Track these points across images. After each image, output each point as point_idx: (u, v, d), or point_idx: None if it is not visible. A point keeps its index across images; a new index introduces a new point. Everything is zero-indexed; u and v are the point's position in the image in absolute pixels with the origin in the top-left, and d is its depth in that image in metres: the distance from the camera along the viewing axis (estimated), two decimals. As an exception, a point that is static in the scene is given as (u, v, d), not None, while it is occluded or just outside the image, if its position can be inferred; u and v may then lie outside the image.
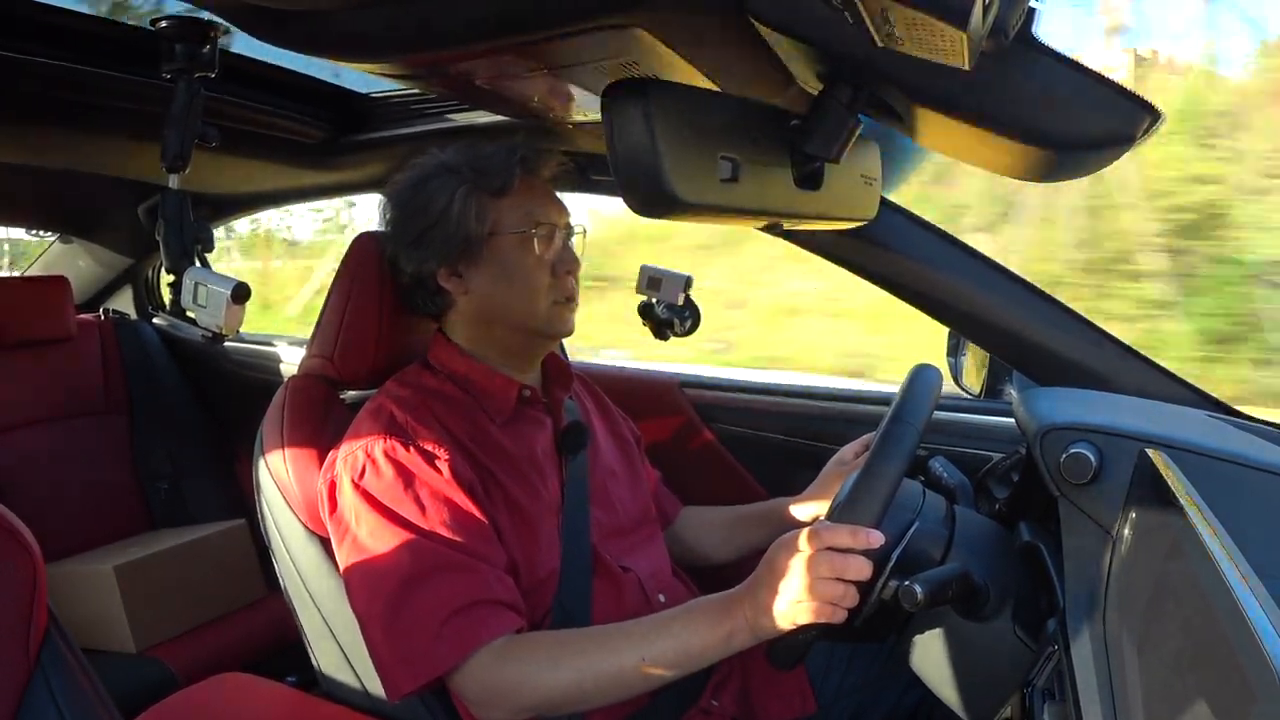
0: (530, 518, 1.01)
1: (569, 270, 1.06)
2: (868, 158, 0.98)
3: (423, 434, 0.97)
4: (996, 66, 0.64)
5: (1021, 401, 1.03)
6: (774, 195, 0.81)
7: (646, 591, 1.09)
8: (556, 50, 0.84)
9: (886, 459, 0.86)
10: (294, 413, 1.10)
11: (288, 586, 1.10)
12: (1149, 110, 0.69)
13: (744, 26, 0.69)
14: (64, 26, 1.06)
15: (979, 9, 0.50)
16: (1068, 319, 1.18)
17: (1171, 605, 0.58)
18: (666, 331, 1.53)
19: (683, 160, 0.70)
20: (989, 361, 1.35)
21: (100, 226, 2.14)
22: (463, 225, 1.02)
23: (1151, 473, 0.73)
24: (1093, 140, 0.71)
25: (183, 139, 1.19)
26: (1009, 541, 0.96)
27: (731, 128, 0.76)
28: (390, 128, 1.49)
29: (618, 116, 0.70)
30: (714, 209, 0.74)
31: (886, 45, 0.58)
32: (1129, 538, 0.77)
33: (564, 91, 1.05)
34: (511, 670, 0.89)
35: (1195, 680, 0.51)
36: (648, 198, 0.70)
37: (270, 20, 0.85)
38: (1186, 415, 1.06)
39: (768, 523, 1.24)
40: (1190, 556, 0.57)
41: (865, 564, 0.82)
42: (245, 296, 1.23)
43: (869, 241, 1.22)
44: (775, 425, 1.52)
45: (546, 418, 1.11)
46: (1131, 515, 0.78)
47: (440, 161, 1.06)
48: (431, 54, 0.88)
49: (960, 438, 1.33)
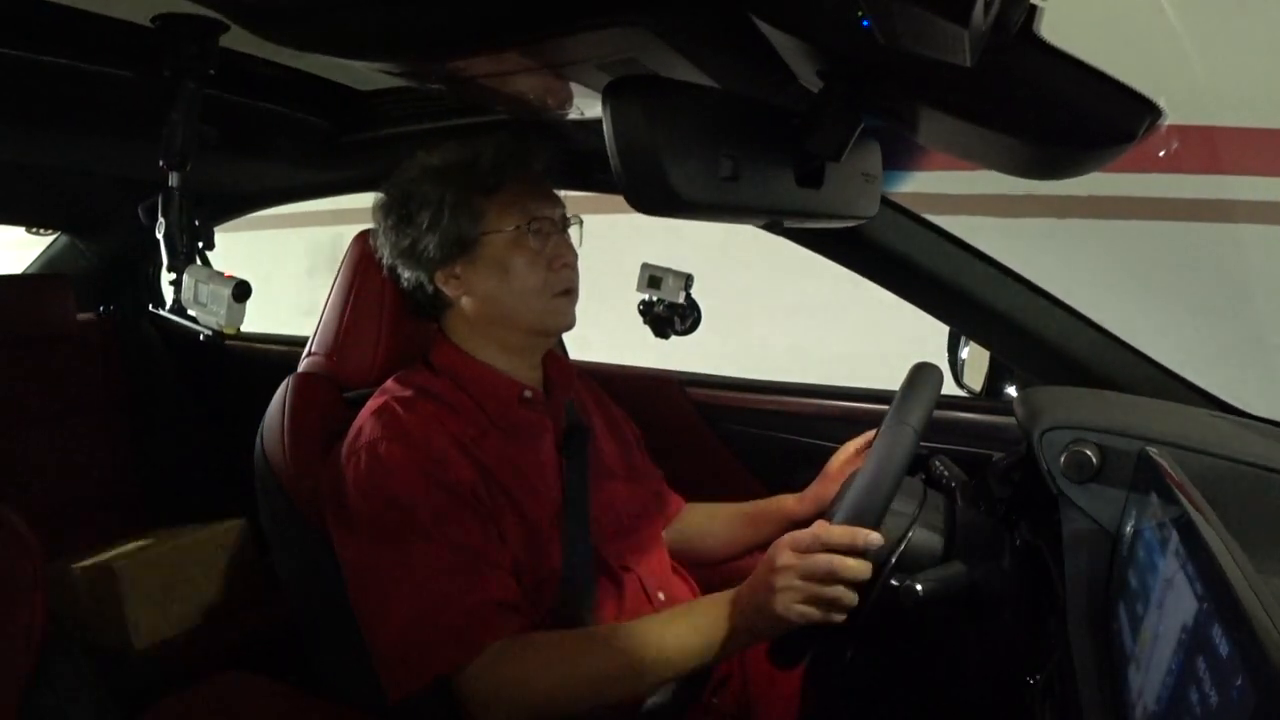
0: (531, 518, 1.00)
1: (566, 263, 1.06)
2: (868, 156, 0.98)
3: (424, 434, 0.97)
4: (998, 64, 0.64)
5: (1022, 400, 1.03)
6: (775, 193, 0.81)
7: (648, 591, 1.09)
8: (558, 48, 0.84)
9: (886, 460, 0.86)
10: (295, 411, 1.10)
11: (288, 585, 1.10)
12: (1150, 107, 0.69)
13: (745, 24, 0.69)
14: (63, 24, 1.05)
15: (980, 6, 0.50)
16: (1069, 317, 1.18)
17: (1172, 605, 0.58)
18: (667, 329, 1.53)
19: (684, 158, 0.70)
20: (989, 360, 1.35)
21: (100, 225, 2.14)
22: (455, 228, 1.02)
23: (1152, 472, 0.73)
24: (1094, 137, 0.71)
25: (183, 137, 1.19)
26: (1009, 540, 0.96)
27: (732, 126, 0.76)
28: (390, 125, 1.49)
29: (619, 114, 0.70)
30: (715, 207, 0.75)
31: (888, 43, 0.58)
32: (1129, 537, 0.77)
33: (565, 89, 1.05)
34: (512, 671, 0.89)
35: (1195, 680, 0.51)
36: (649, 195, 0.70)
37: (270, 18, 0.85)
38: (1187, 414, 1.06)
39: (769, 520, 1.24)
40: (1191, 556, 0.57)
41: (864, 565, 0.82)
42: (246, 295, 1.23)
43: (870, 239, 1.22)
44: (776, 424, 1.52)
45: (548, 418, 1.11)
46: (1132, 514, 0.78)
47: (428, 164, 1.06)
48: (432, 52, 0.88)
49: (961, 436, 1.33)
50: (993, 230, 1.26)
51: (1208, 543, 0.55)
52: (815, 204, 0.86)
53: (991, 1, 0.52)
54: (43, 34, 1.09)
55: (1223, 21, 1.65)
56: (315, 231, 4.27)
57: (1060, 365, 1.17)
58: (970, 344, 1.41)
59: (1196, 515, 0.59)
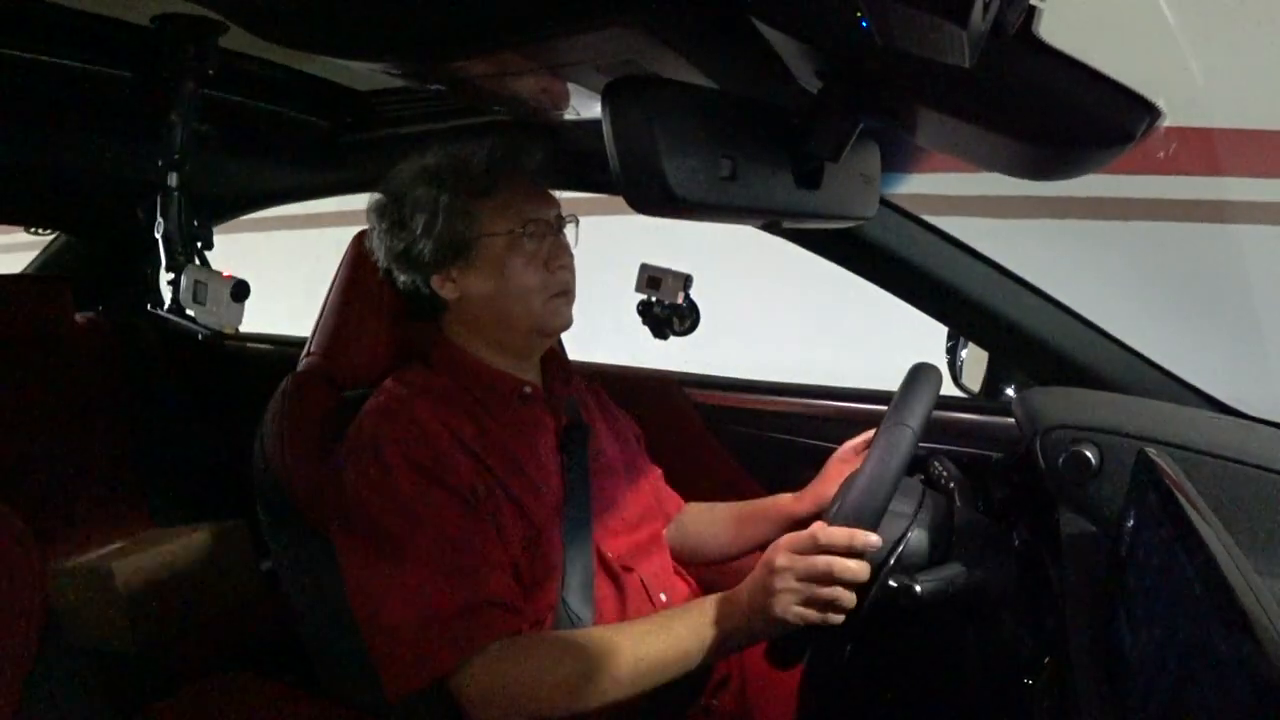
0: (532, 517, 1.00)
1: (561, 264, 1.06)
2: (867, 156, 0.98)
3: (424, 433, 0.97)
4: (996, 65, 0.64)
5: (1021, 401, 1.03)
6: (773, 194, 0.81)
7: (648, 590, 1.09)
8: (557, 49, 0.84)
9: (885, 461, 0.87)
10: (294, 411, 1.10)
11: (287, 585, 1.10)
12: (1149, 108, 0.69)
13: (744, 25, 0.69)
14: (63, 25, 1.06)
15: (979, 7, 0.50)
16: (1067, 318, 1.18)
17: (1170, 605, 0.58)
18: (665, 330, 1.53)
19: (682, 159, 0.70)
20: (988, 361, 1.35)
21: (99, 225, 2.14)
22: (450, 231, 1.02)
23: (1151, 472, 0.73)
24: (1093, 138, 0.71)
25: (182, 137, 1.19)
26: (1008, 541, 0.96)
27: (731, 126, 0.76)
28: (390, 126, 1.49)
29: (618, 115, 0.70)
30: (713, 207, 0.74)
31: (886, 44, 0.58)
32: (1128, 537, 0.77)
33: (564, 90, 1.05)
34: (512, 672, 0.89)
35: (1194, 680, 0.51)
36: (647, 196, 0.70)
37: (269, 18, 0.85)
38: (1186, 415, 1.06)
39: (768, 519, 1.24)
40: (1190, 557, 0.57)
41: (862, 568, 0.82)
42: (245, 295, 1.23)
43: (868, 240, 1.22)
44: (776, 424, 1.52)
45: (548, 416, 1.11)
46: (1131, 515, 0.78)
47: (421, 168, 1.05)
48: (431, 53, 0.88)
49: (960, 437, 1.33)
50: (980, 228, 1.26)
51: (1207, 543, 0.55)
52: (814, 205, 0.86)
53: (990, 2, 0.52)
54: (43, 34, 1.09)
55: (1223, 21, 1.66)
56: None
57: (1059, 366, 1.17)
58: (969, 345, 1.41)
59: (1195, 516, 0.60)
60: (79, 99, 1.27)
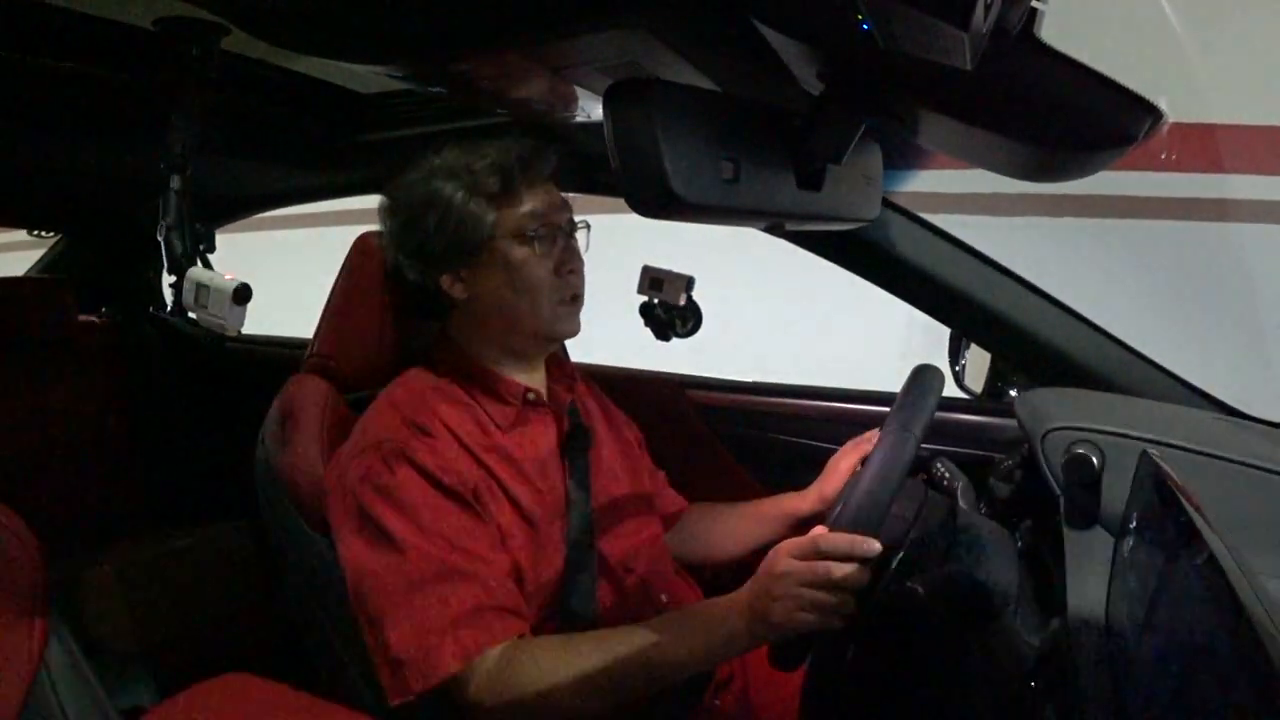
0: (534, 520, 1.00)
1: (572, 270, 1.06)
2: (869, 158, 0.98)
3: (426, 436, 0.97)
4: (998, 67, 0.64)
5: (1023, 402, 1.03)
6: (776, 196, 0.81)
7: (650, 593, 1.09)
8: (559, 51, 0.85)
9: (887, 464, 0.86)
10: (296, 413, 1.10)
11: (289, 587, 1.10)
12: (1151, 110, 0.69)
13: (745, 27, 0.69)
14: (65, 27, 1.06)
15: (980, 9, 0.50)
16: (1070, 319, 1.18)
17: (1173, 606, 0.58)
18: (668, 332, 1.53)
19: (685, 160, 0.70)
20: (991, 362, 1.35)
21: (102, 228, 2.14)
22: (462, 231, 1.02)
23: (1154, 473, 0.73)
24: (1095, 140, 0.71)
25: (184, 140, 1.19)
26: (1011, 542, 0.96)
27: (733, 128, 0.76)
28: (392, 128, 1.49)
29: (620, 117, 0.70)
30: (716, 209, 0.74)
31: (888, 46, 0.58)
32: (1131, 538, 0.77)
33: (566, 92, 1.05)
34: (513, 675, 0.89)
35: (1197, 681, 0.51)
36: (650, 198, 0.70)
37: (271, 21, 0.85)
38: (1189, 416, 1.06)
39: (771, 520, 1.23)
40: (1192, 557, 0.57)
41: (863, 572, 0.82)
42: (247, 297, 1.23)
43: (871, 242, 1.22)
44: (777, 426, 1.52)
45: (551, 420, 1.11)
46: (1134, 516, 0.78)
47: (436, 166, 1.05)
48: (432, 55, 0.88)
49: (962, 438, 1.33)
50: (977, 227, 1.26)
51: (1208, 544, 0.55)
52: (816, 206, 0.86)
53: (991, 4, 0.52)
54: (45, 37, 1.09)
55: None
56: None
57: (1061, 367, 1.17)
58: (971, 346, 1.41)
59: (1197, 517, 0.59)
60: (81, 102, 1.27)
